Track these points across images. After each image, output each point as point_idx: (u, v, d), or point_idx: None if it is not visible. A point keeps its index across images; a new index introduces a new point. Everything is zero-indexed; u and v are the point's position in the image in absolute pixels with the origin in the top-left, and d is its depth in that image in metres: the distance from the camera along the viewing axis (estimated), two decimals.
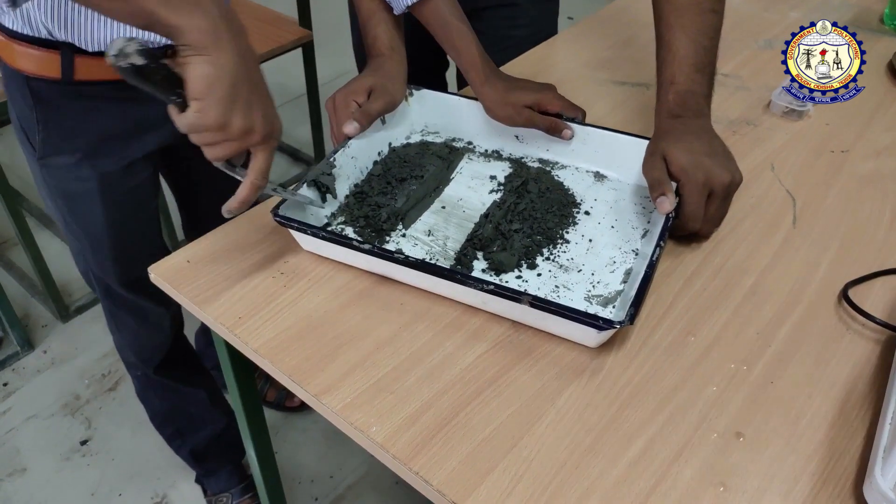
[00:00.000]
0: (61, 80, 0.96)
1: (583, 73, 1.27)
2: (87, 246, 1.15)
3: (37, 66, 0.95)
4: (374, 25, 0.99)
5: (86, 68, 0.95)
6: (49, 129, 1.01)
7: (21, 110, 1.02)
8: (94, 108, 1.01)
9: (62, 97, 0.99)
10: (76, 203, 1.09)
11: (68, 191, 1.08)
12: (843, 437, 0.69)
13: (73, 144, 1.03)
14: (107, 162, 1.06)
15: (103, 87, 0.98)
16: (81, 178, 1.06)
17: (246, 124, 0.66)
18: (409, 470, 0.66)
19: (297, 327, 0.79)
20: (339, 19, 3.20)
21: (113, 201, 1.10)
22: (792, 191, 0.99)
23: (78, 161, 1.04)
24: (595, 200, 0.96)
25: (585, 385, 0.73)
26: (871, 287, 0.84)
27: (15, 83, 0.99)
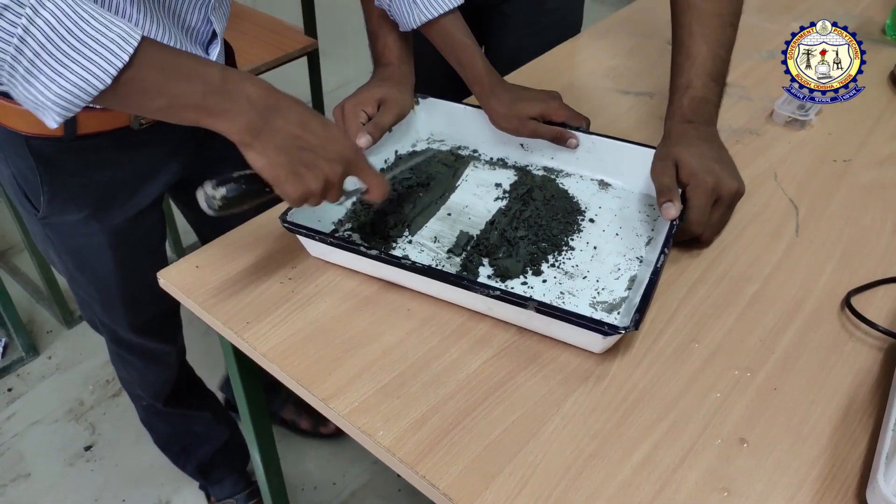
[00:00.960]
0: (64, 136, 0.89)
1: (588, 81, 1.28)
2: (96, 297, 1.11)
3: (35, 125, 0.86)
4: (384, 34, 1.00)
5: (89, 121, 0.89)
6: (55, 190, 0.95)
7: (21, 171, 0.94)
8: (99, 162, 0.95)
9: (65, 154, 0.92)
10: (84, 257, 1.04)
11: (75, 246, 1.03)
12: (846, 443, 0.69)
13: (80, 201, 0.97)
14: (115, 215, 1.01)
15: (106, 137, 0.92)
16: (89, 233, 1.01)
17: (322, 176, 0.73)
18: (415, 474, 0.66)
19: (305, 332, 0.80)
20: (343, 28, 3.22)
21: (122, 252, 1.05)
22: (795, 199, 1.00)
23: (85, 217, 0.98)
24: (600, 208, 0.97)
25: (591, 390, 0.74)
26: (874, 295, 0.85)
27: (12, 143, 0.90)
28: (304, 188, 0.72)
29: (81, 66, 0.60)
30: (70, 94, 0.61)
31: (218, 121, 0.68)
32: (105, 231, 1.01)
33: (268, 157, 0.70)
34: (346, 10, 3.49)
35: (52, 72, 0.60)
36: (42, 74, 0.60)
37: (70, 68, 0.60)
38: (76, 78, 0.61)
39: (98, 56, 0.61)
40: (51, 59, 0.60)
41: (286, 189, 0.72)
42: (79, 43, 0.60)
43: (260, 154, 0.70)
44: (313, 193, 0.74)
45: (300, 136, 0.72)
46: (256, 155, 0.70)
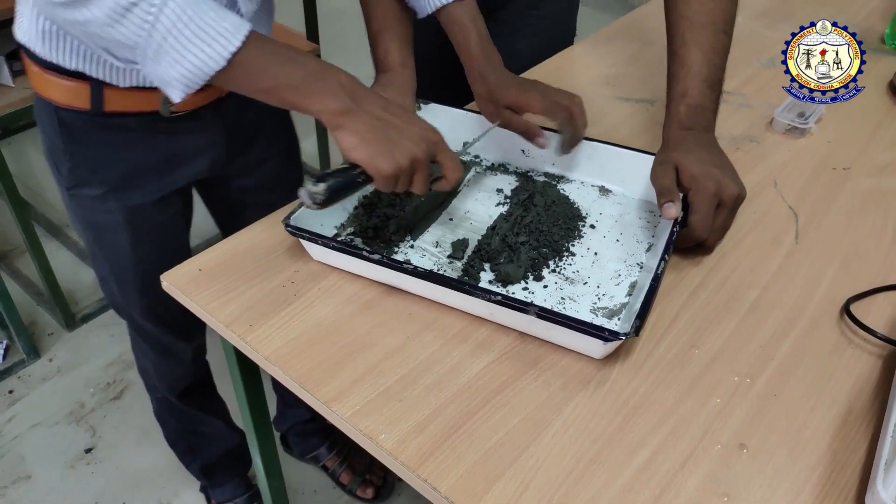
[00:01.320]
0: (90, 111, 0.94)
1: (588, 89, 1.29)
2: (112, 277, 1.13)
3: (66, 97, 0.94)
4: (385, 40, 1.00)
5: (115, 100, 0.94)
6: (76, 161, 1.00)
7: (50, 140, 1.00)
8: (124, 141, 0.99)
9: (91, 128, 0.97)
10: (102, 234, 1.08)
11: (95, 222, 1.06)
12: (846, 449, 0.70)
13: (101, 177, 1.01)
14: (135, 196, 1.04)
15: (133, 118, 0.97)
16: (108, 210, 1.04)
17: (409, 154, 0.77)
18: (417, 477, 0.67)
19: (307, 336, 0.80)
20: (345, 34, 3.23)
21: (140, 235, 1.08)
22: (794, 207, 1.00)
23: (104, 194, 1.02)
24: (600, 214, 0.97)
25: (591, 395, 0.74)
26: (873, 302, 0.86)
27: (45, 113, 0.98)
28: (395, 163, 0.76)
29: (201, 49, 0.70)
30: (191, 73, 0.71)
31: (314, 101, 0.75)
32: (123, 210, 1.04)
33: (359, 135, 0.76)
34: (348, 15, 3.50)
35: (177, 54, 0.70)
36: (168, 56, 0.70)
37: (192, 51, 0.70)
38: (197, 60, 0.71)
39: (215, 41, 0.71)
40: (176, 43, 0.70)
41: (379, 164, 0.76)
42: (199, 30, 0.70)
43: (351, 132, 0.76)
44: (403, 170, 0.77)
45: (386, 118, 0.78)
46: (348, 134, 0.76)
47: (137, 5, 0.68)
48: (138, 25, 0.69)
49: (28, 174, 2.53)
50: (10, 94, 1.71)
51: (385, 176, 0.77)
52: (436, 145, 0.81)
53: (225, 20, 0.72)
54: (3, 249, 2.27)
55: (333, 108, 0.76)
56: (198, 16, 0.70)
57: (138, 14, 0.69)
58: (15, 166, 2.46)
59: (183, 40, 0.70)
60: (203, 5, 0.71)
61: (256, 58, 0.74)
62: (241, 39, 0.72)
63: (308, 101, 0.76)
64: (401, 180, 0.79)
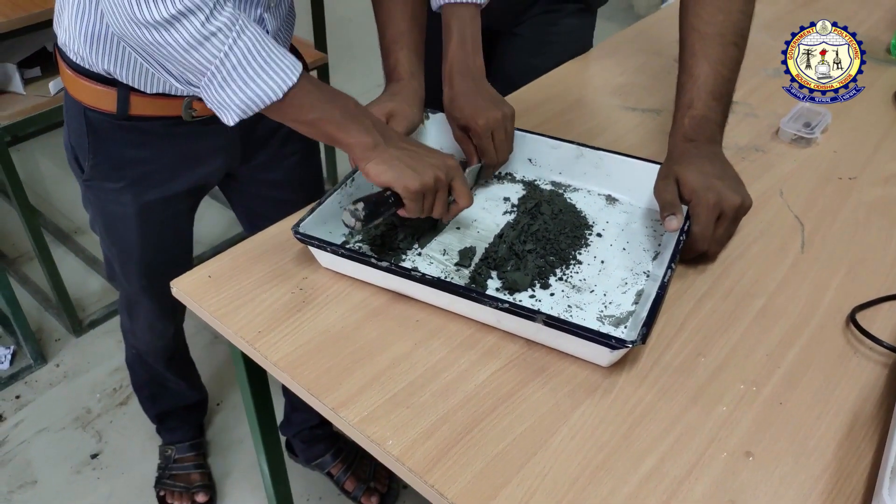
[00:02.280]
0: (116, 114, 1.00)
1: (595, 98, 1.29)
2: (117, 259, 1.21)
3: (94, 100, 1.00)
4: (396, 50, 1.01)
5: (140, 105, 1.00)
6: (99, 158, 1.06)
7: (76, 136, 1.06)
8: (145, 142, 1.05)
9: (115, 130, 1.03)
10: (113, 222, 1.14)
11: (108, 211, 1.13)
12: (852, 458, 0.70)
13: (121, 173, 1.07)
14: (149, 193, 1.10)
15: (156, 122, 1.02)
16: (122, 202, 1.10)
17: (433, 174, 0.85)
18: (424, 483, 0.67)
19: (316, 342, 0.81)
20: (353, 43, 3.25)
21: (149, 227, 1.14)
22: (800, 216, 1.01)
23: (122, 188, 1.08)
24: (607, 223, 0.98)
25: (598, 403, 0.75)
26: (879, 311, 0.86)
27: (74, 110, 1.04)
28: (420, 181, 0.83)
29: (264, 81, 0.78)
30: (251, 102, 0.78)
31: (350, 136, 0.84)
32: (136, 204, 1.10)
33: (386, 163, 0.83)
34: (355, 24, 3.53)
35: (242, 83, 0.77)
36: (234, 84, 0.77)
37: (255, 83, 0.77)
38: (259, 90, 0.78)
39: (276, 76, 0.78)
40: (244, 73, 0.77)
41: (407, 182, 0.83)
42: (264, 64, 0.77)
43: (379, 162, 0.84)
44: (428, 187, 0.84)
45: (408, 148, 0.87)
46: (376, 164, 0.84)
47: (216, 35, 0.75)
48: (212, 55, 0.76)
49: (38, 181, 2.55)
50: (22, 102, 1.72)
51: (413, 191, 0.83)
52: (454, 170, 0.88)
53: (286, 57, 0.79)
54: (12, 255, 2.28)
55: (366, 143, 0.84)
56: (265, 50, 0.77)
57: (216, 43, 0.75)
58: (25, 173, 2.48)
59: (250, 71, 0.77)
60: (269, 42, 0.78)
61: (306, 93, 0.81)
62: (296, 76, 0.79)
63: (344, 135, 0.84)
64: (426, 199, 0.85)
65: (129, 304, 1.34)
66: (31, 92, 1.75)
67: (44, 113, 1.70)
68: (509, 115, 1.00)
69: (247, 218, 1.32)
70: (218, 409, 1.83)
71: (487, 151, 1.00)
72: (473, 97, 1.00)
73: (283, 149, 1.18)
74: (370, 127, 0.85)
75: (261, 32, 0.78)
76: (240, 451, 1.73)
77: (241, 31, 0.76)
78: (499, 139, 1.00)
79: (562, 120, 1.22)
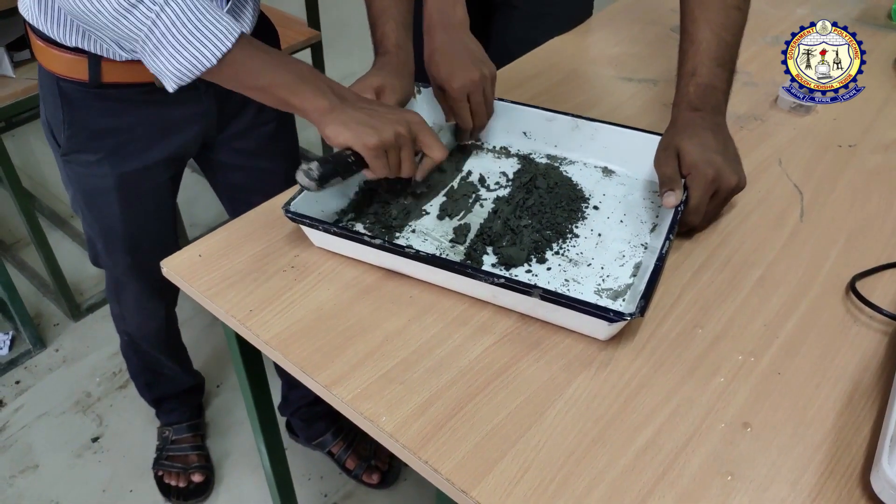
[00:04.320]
0: (88, 82, 0.99)
1: (591, 69, 1.28)
2: (100, 236, 1.20)
3: (66, 69, 0.99)
4: (382, 23, 0.99)
5: (113, 72, 0.99)
6: (74, 129, 1.05)
7: (50, 109, 1.06)
8: (120, 111, 1.04)
9: (89, 98, 1.02)
10: (93, 198, 1.13)
11: (87, 186, 1.12)
12: (851, 427, 0.69)
13: (97, 144, 1.06)
14: (126, 162, 1.09)
15: (130, 89, 1.02)
16: (100, 174, 1.09)
17: (392, 130, 0.82)
18: (418, 459, 0.66)
19: (308, 320, 0.80)
20: (346, 20, 3.22)
21: (129, 200, 1.14)
22: (799, 185, 0.99)
23: (99, 160, 1.08)
24: (603, 195, 0.96)
25: (593, 376, 0.74)
26: (879, 279, 0.85)
27: (47, 83, 1.04)
28: (378, 137, 0.81)
29: (196, 48, 0.77)
30: (184, 69, 0.78)
31: (305, 99, 0.82)
32: (115, 175, 1.10)
33: (344, 124, 0.82)
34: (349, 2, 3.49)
35: (174, 50, 0.77)
36: (165, 51, 0.77)
37: (187, 49, 0.77)
38: (191, 57, 0.78)
39: (209, 42, 0.78)
40: (174, 40, 0.77)
41: (364, 139, 0.81)
42: (195, 30, 0.77)
43: (337, 123, 0.82)
44: (388, 142, 0.82)
45: (367, 108, 0.84)
46: (334, 125, 0.82)
47: (142, 2, 0.75)
48: (140, 22, 0.76)
49: (32, 165, 2.54)
50: (12, 85, 1.71)
51: (371, 147, 0.81)
52: (416, 124, 0.85)
53: (220, 23, 0.78)
54: (8, 241, 2.27)
55: (322, 106, 0.82)
56: (195, 17, 0.77)
57: (142, 11, 0.76)
58: (18, 158, 2.47)
59: (180, 38, 0.77)
60: (202, 8, 0.78)
61: (250, 58, 0.81)
62: (231, 41, 0.79)
63: (299, 98, 0.82)
64: (389, 156, 0.83)
65: (117, 286, 1.34)
66: (21, 75, 1.73)
67: (35, 96, 1.69)
68: (488, 76, 0.97)
69: (227, 193, 1.31)
70: (218, 391, 1.83)
71: (462, 115, 0.98)
72: (451, 55, 0.97)
73: (258, 117, 1.18)
74: (325, 90, 0.83)
75: None
76: (240, 433, 1.73)
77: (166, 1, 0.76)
78: (475, 102, 0.97)
79: (557, 91, 1.20)
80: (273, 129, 1.21)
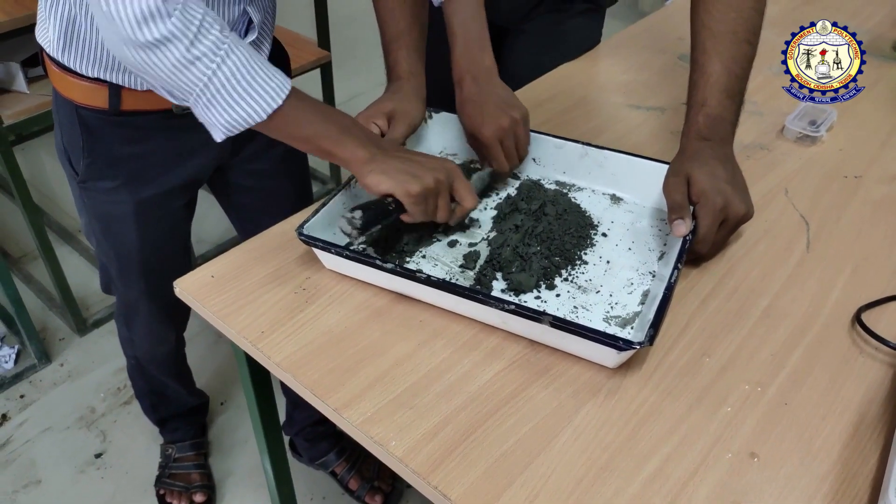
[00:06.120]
0: (108, 110, 1.00)
1: (599, 96, 1.29)
2: (115, 263, 1.20)
3: (85, 97, 1.00)
4: (395, 50, 1.01)
5: (132, 100, 1.00)
6: (94, 157, 1.05)
7: (69, 136, 1.06)
8: (139, 137, 1.05)
9: (108, 126, 1.03)
10: (110, 224, 1.14)
11: (105, 213, 1.13)
12: (857, 459, 0.70)
13: (115, 171, 1.07)
14: (144, 188, 1.09)
15: (149, 116, 1.02)
16: (118, 202, 1.10)
17: (433, 177, 0.85)
18: (427, 484, 0.67)
19: (319, 342, 0.81)
20: (356, 41, 3.25)
21: (147, 225, 1.14)
22: (805, 215, 1.00)
23: (117, 187, 1.08)
24: (612, 222, 0.97)
25: (602, 404, 0.74)
26: (885, 311, 0.85)
27: (65, 110, 1.04)
28: (420, 184, 0.84)
29: (248, 104, 0.79)
30: (235, 122, 0.80)
31: (345, 150, 0.85)
32: (132, 202, 1.10)
33: (385, 172, 0.84)
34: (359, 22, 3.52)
35: (226, 105, 0.79)
36: (219, 105, 0.79)
37: (239, 105, 0.79)
38: (243, 112, 0.80)
39: (261, 98, 0.80)
40: (227, 95, 0.79)
41: (407, 187, 0.83)
42: (248, 87, 0.79)
43: (378, 172, 0.84)
44: (430, 190, 0.85)
45: (405, 157, 0.87)
46: (376, 174, 0.84)
47: (201, 59, 0.76)
48: (198, 77, 0.77)
49: (41, 180, 2.55)
50: (26, 101, 1.73)
51: (414, 195, 0.83)
52: (453, 172, 0.88)
53: (273, 80, 0.80)
54: (16, 255, 2.29)
55: (362, 157, 0.85)
56: (250, 74, 0.79)
57: (200, 67, 0.77)
58: (28, 172, 2.48)
59: (234, 94, 0.79)
60: (255, 63, 0.79)
61: (297, 111, 0.83)
62: (283, 97, 0.81)
63: (340, 149, 0.85)
64: (429, 202, 0.86)
65: (128, 310, 1.34)
66: (35, 91, 1.76)
67: (48, 112, 1.71)
68: (519, 119, 0.99)
69: (238, 214, 1.32)
70: (222, 410, 1.83)
71: (496, 159, 1.00)
72: (480, 104, 0.99)
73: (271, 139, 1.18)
74: (365, 141, 0.86)
75: (247, 54, 0.79)
76: (243, 452, 1.73)
77: (226, 55, 0.77)
78: (507, 146, 0.99)
79: (565, 118, 1.22)
80: (284, 151, 1.21)
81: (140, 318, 1.33)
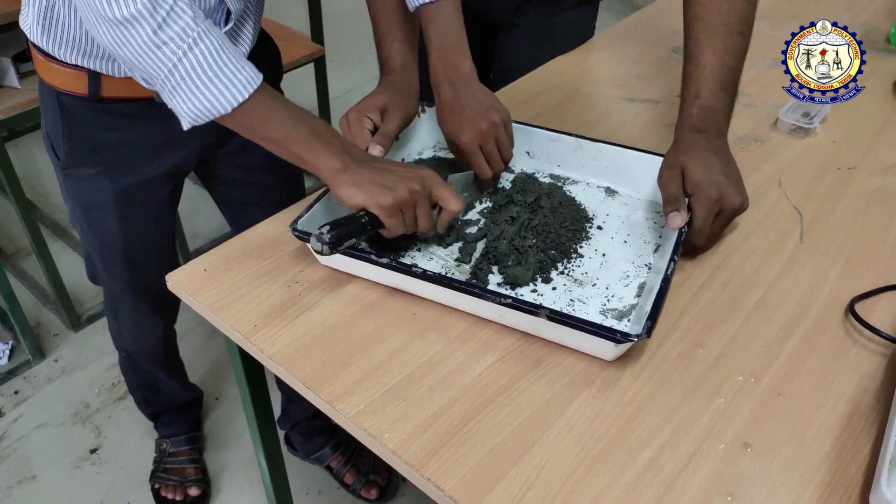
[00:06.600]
0: (88, 96, 1.00)
1: (593, 89, 1.29)
2: (98, 251, 1.21)
3: (66, 83, 1.00)
4: (388, 43, 1.01)
5: (112, 86, 1.00)
6: (74, 142, 1.06)
7: (51, 122, 1.07)
8: (120, 125, 1.05)
9: (89, 112, 1.03)
10: (92, 212, 1.14)
11: (86, 200, 1.13)
12: (850, 448, 0.70)
13: (96, 157, 1.07)
14: (127, 176, 1.09)
15: (129, 104, 1.02)
16: (99, 189, 1.10)
17: (406, 188, 0.82)
18: (421, 476, 0.67)
19: (311, 335, 0.81)
20: (350, 35, 3.24)
21: (128, 214, 1.14)
22: (799, 207, 1.00)
23: (98, 174, 1.08)
24: (607, 215, 0.97)
25: (595, 395, 0.74)
26: (878, 302, 0.86)
27: (48, 96, 1.04)
28: (393, 195, 0.81)
29: (213, 94, 0.78)
30: (199, 112, 0.79)
31: (317, 159, 0.82)
32: (113, 189, 1.10)
33: (357, 185, 0.81)
34: (352, 17, 3.51)
35: (190, 93, 0.78)
36: (182, 92, 0.78)
37: (203, 94, 0.78)
38: (206, 102, 0.78)
39: (226, 90, 0.78)
40: (192, 83, 0.77)
41: (379, 200, 0.81)
42: (214, 77, 0.77)
43: (350, 184, 0.82)
44: (403, 201, 0.82)
45: (378, 167, 0.84)
46: (348, 186, 0.82)
47: (167, 44, 0.76)
48: (163, 62, 0.76)
49: (34, 176, 2.54)
50: (17, 96, 1.72)
51: (387, 207, 0.81)
52: (429, 179, 0.85)
53: (241, 72, 0.79)
54: (9, 251, 2.28)
55: (334, 166, 0.82)
56: (217, 63, 0.77)
57: (167, 52, 0.76)
58: (21, 168, 2.47)
59: (198, 83, 0.77)
60: (225, 54, 0.78)
61: (267, 109, 0.81)
62: (249, 91, 0.79)
63: (312, 156, 0.82)
64: (405, 214, 0.83)
65: (114, 302, 1.34)
66: (27, 86, 1.75)
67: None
68: (498, 122, 0.94)
69: (228, 208, 1.31)
70: (217, 404, 1.83)
71: (478, 165, 0.95)
72: (458, 109, 0.94)
73: None
74: (340, 150, 0.83)
75: (218, 45, 0.78)
76: (238, 446, 1.73)
77: (194, 42, 0.76)
78: (488, 151, 0.95)
79: (559, 111, 1.21)
80: None
81: (126, 309, 1.33)
